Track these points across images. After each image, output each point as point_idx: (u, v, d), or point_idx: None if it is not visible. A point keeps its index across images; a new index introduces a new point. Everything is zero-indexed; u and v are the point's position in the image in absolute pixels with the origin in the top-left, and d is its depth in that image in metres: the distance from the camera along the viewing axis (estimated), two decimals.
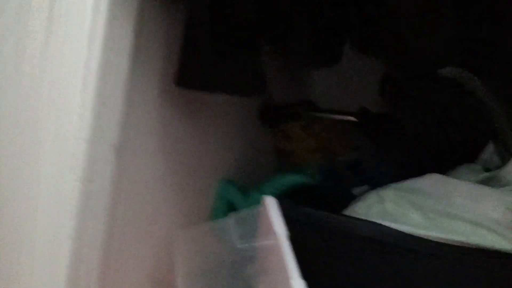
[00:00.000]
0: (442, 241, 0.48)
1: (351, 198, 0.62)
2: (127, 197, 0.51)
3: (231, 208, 0.70)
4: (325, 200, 0.64)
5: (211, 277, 0.54)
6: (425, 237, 0.48)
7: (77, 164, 0.44)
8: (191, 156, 0.62)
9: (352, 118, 0.82)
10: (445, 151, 0.65)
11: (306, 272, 0.47)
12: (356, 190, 0.69)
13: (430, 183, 0.57)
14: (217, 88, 0.56)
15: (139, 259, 0.55)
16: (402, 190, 0.57)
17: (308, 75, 0.96)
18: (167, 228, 0.58)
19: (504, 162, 0.60)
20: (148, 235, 0.56)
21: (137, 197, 0.53)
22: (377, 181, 0.62)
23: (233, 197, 0.69)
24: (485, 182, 0.58)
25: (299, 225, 0.53)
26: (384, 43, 0.73)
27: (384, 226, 0.49)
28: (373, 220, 0.51)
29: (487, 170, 0.61)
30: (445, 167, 0.62)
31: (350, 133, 0.90)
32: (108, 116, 0.46)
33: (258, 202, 0.60)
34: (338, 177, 0.79)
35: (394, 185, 0.56)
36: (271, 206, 0.54)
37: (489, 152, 0.62)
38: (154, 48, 0.52)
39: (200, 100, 0.63)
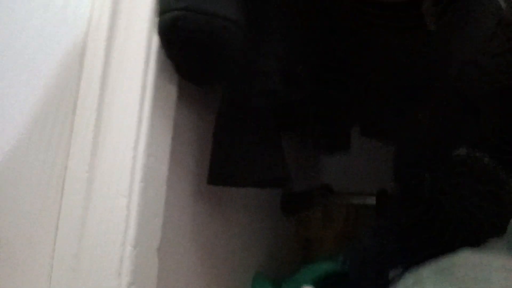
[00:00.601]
0: None
1: (386, 282, 0.62)
2: None
3: None
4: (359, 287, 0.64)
5: None
6: None
7: (123, 268, 0.45)
8: (223, 251, 0.63)
9: (372, 200, 0.84)
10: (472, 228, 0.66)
11: None
12: (390, 274, 0.69)
13: (464, 259, 0.57)
14: (246, 182, 0.59)
15: None
16: (438, 270, 0.57)
17: (323, 161, 0.99)
18: None
19: None
20: None
21: None
22: (407, 262, 0.62)
23: None
24: None
25: None
26: (386, 131, 0.77)
27: None
28: None
29: None
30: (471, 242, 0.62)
31: (369, 216, 0.91)
32: (151, 222, 0.48)
33: None
34: (368, 262, 0.79)
35: (429, 264, 0.56)
36: None
37: None
38: (189, 151, 0.56)
39: (228, 197, 0.65)
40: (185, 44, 0.49)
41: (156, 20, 0.49)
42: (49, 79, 0.49)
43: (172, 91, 0.52)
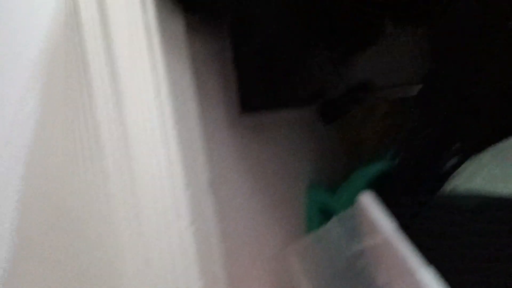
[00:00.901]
0: None
1: (443, 174, 0.60)
2: (230, 229, 0.52)
3: (323, 212, 0.69)
4: (415, 183, 0.63)
5: (333, 284, 0.54)
6: None
7: (181, 211, 0.46)
8: (274, 170, 0.63)
9: (415, 89, 0.79)
10: None
11: (426, 260, 0.46)
12: (446, 166, 0.67)
13: None
14: (278, 105, 0.57)
15: (262, 275, 0.56)
16: (498, 152, 0.54)
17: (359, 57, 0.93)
18: (275, 247, 0.59)
19: None
20: (259, 259, 0.57)
21: (238, 226, 0.54)
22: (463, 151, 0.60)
23: (324, 201, 0.68)
24: None
25: (404, 214, 0.51)
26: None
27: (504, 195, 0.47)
28: (479, 189, 0.49)
29: None
30: None
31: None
32: (195, 161, 0.48)
33: (350, 201, 0.59)
34: (421, 155, 0.77)
35: (491, 149, 0.54)
36: (370, 202, 0.53)
37: None
38: (215, 84, 0.54)
39: (265, 119, 0.63)
40: None
41: None
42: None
43: (178, 26, 0.48)
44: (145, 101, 0.46)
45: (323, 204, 0.68)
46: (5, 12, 0.51)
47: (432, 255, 0.45)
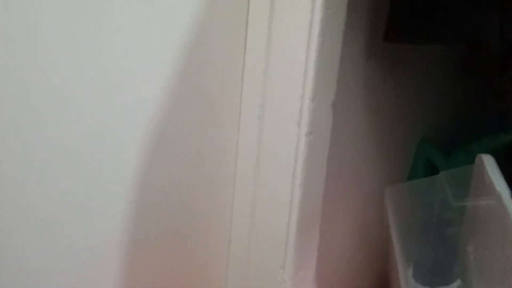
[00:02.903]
0: None
1: None
2: (340, 150, 0.54)
3: (429, 167, 0.68)
4: None
5: (424, 231, 0.54)
6: None
7: (302, 119, 0.48)
8: (393, 114, 0.62)
9: None
10: None
11: None
12: None
13: None
14: (429, 38, 0.54)
15: (350, 210, 0.58)
16: None
17: None
18: (373, 183, 0.60)
19: None
20: (357, 188, 0.58)
21: (349, 150, 0.56)
22: None
23: (433, 157, 0.67)
24: None
25: None
26: None
27: None
28: None
29: None
30: None
31: None
32: (326, 77, 0.49)
33: (464, 163, 0.57)
34: None
35: None
36: (490, 164, 0.51)
37: None
38: (365, 5, 0.53)
39: (402, 57, 0.61)
40: None
41: None
42: None
43: None
44: (299, 2, 0.47)
45: (431, 159, 0.66)
46: None
47: None
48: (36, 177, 0.40)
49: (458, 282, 0.51)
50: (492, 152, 0.63)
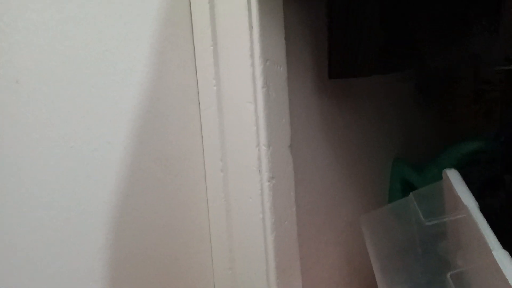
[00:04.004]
0: None
1: None
2: (309, 189, 0.55)
3: (406, 186, 0.68)
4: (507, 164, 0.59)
5: (402, 255, 0.54)
6: None
7: (262, 166, 0.49)
8: (357, 144, 0.64)
9: None
10: None
11: (505, 241, 0.44)
12: None
13: None
14: (368, 71, 0.56)
15: (332, 243, 0.58)
16: None
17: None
18: (352, 213, 0.60)
19: None
20: (335, 221, 0.59)
21: (318, 187, 0.56)
22: None
23: (408, 175, 0.67)
24: None
25: (488, 193, 0.49)
26: None
27: None
28: None
29: None
30: None
31: None
32: (278, 122, 0.51)
33: (436, 176, 0.58)
34: None
35: None
36: (455, 178, 0.52)
37: None
38: (304, 49, 0.55)
39: (356, 88, 0.63)
40: None
41: None
42: None
43: None
44: (238, 59, 0.49)
45: (407, 178, 0.67)
46: None
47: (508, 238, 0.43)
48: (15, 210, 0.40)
49: None
50: (461, 161, 0.64)
